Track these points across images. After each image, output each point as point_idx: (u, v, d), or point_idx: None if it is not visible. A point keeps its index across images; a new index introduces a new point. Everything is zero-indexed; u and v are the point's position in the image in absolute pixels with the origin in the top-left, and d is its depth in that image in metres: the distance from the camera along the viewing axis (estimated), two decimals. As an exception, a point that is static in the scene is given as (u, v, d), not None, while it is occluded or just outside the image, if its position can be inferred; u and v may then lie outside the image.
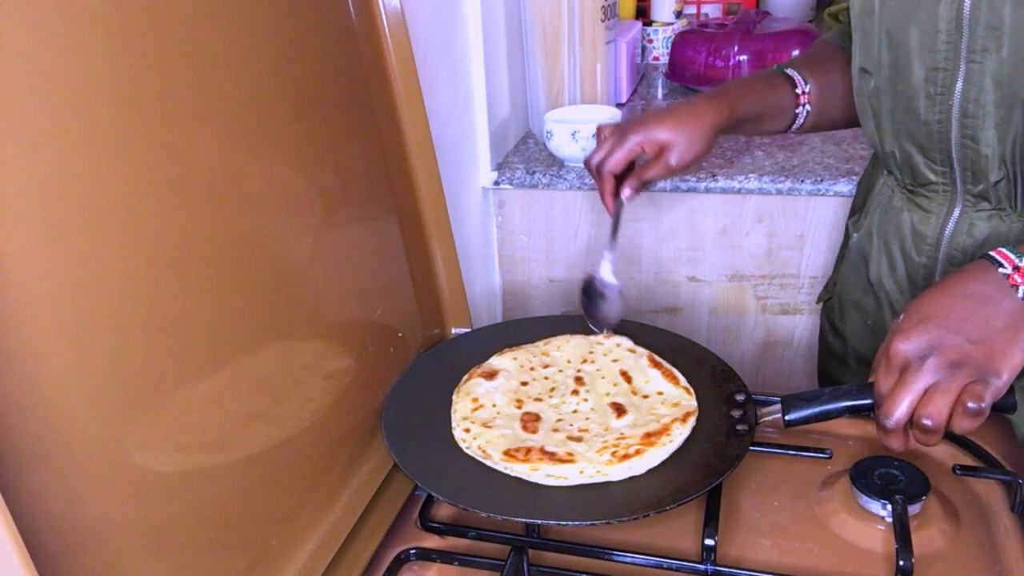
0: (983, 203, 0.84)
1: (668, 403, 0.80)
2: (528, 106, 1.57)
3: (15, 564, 0.41)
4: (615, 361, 0.86)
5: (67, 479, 0.49)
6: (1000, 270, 0.65)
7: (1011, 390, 0.67)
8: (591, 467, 0.72)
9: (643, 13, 2.07)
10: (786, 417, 0.71)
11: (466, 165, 1.36)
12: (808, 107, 0.94)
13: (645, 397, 0.81)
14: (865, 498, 0.72)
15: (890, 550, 0.69)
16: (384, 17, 0.86)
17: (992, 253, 0.67)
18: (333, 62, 0.79)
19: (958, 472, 0.77)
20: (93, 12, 0.51)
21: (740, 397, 0.79)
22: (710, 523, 0.70)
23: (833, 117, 0.98)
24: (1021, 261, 0.65)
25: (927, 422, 0.62)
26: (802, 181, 1.31)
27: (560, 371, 0.86)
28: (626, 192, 0.87)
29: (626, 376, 0.84)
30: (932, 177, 0.86)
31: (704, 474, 0.71)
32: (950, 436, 0.82)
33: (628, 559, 0.70)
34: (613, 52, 1.59)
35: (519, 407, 0.81)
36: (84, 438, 0.50)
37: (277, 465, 0.68)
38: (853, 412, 0.69)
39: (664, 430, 0.75)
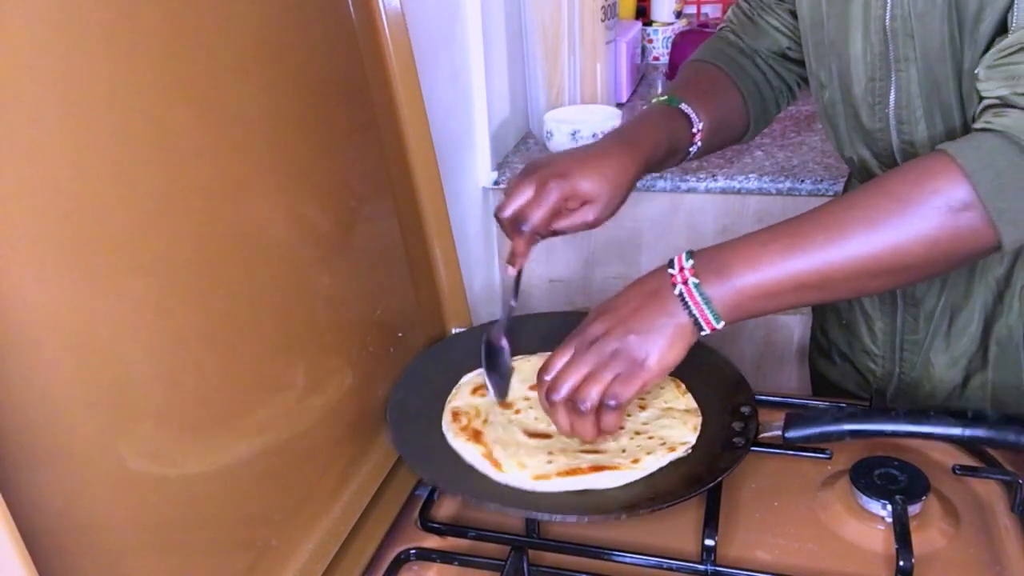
0: None
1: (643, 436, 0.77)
2: (528, 106, 1.57)
3: (15, 564, 0.41)
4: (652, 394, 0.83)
5: (67, 479, 0.49)
6: (669, 270, 0.70)
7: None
8: (483, 459, 0.75)
9: (643, 13, 2.07)
10: (785, 434, 0.71)
11: (466, 165, 1.36)
12: (699, 143, 0.91)
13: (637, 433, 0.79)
14: (865, 498, 0.72)
15: (890, 550, 0.69)
16: (384, 17, 0.86)
17: (674, 257, 0.71)
18: (333, 62, 0.79)
19: (958, 472, 0.77)
20: (93, 14, 0.51)
21: (745, 410, 0.79)
22: (710, 523, 0.70)
23: (715, 146, 0.97)
24: (688, 262, 0.70)
25: (581, 405, 0.69)
26: (802, 181, 1.31)
27: None
28: (530, 243, 0.81)
29: (642, 406, 0.81)
30: None
31: (689, 483, 0.71)
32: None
33: (628, 559, 0.70)
34: (613, 52, 1.59)
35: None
36: (84, 438, 0.50)
37: (277, 465, 0.68)
38: (855, 436, 0.69)
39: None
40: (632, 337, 0.69)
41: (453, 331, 0.98)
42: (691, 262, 0.70)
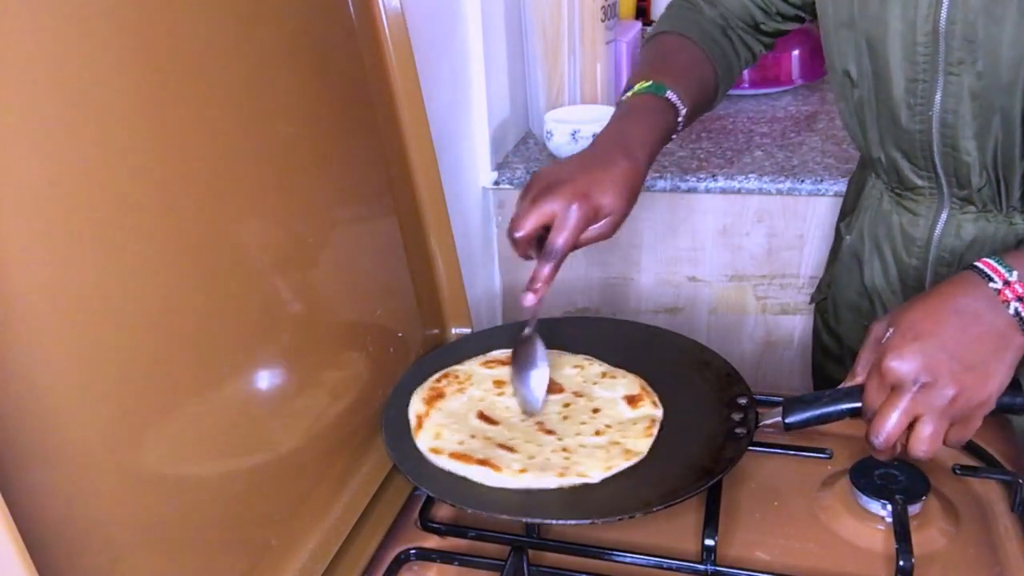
0: (969, 206, 0.85)
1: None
2: (528, 106, 1.57)
3: (15, 564, 0.41)
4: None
5: (67, 479, 0.49)
6: (991, 284, 0.64)
7: (1020, 388, 0.67)
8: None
9: (643, 13, 2.06)
10: (786, 420, 0.71)
11: (466, 165, 1.36)
12: (680, 127, 0.87)
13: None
14: (865, 498, 0.72)
15: (890, 550, 0.69)
16: (384, 17, 0.86)
17: (980, 265, 0.65)
18: (333, 62, 0.79)
19: (958, 472, 0.77)
20: (94, 12, 0.51)
21: (742, 400, 0.79)
22: (710, 523, 0.70)
23: (690, 122, 0.91)
24: (1011, 275, 0.63)
25: (919, 454, 0.64)
26: (802, 181, 1.31)
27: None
28: (552, 272, 0.75)
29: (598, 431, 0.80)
30: (918, 182, 0.87)
31: (697, 476, 0.71)
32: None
33: (628, 559, 0.70)
34: (613, 52, 1.59)
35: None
36: (84, 438, 0.50)
37: (277, 465, 0.68)
38: (854, 415, 0.69)
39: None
40: (970, 376, 0.62)
41: (453, 332, 0.99)
42: (1016, 273, 0.63)
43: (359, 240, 0.83)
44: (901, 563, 0.65)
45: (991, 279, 0.64)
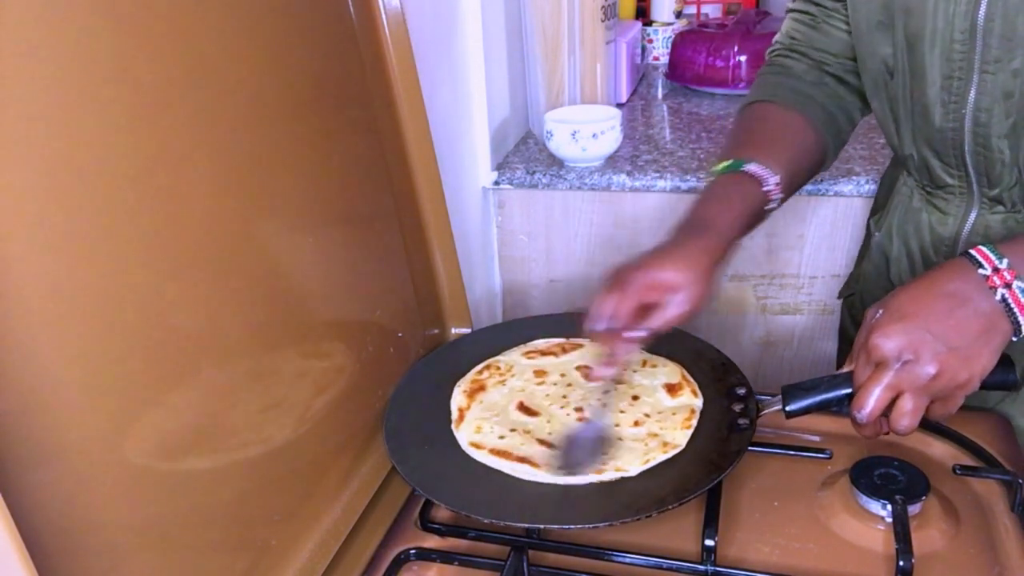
0: (998, 206, 0.84)
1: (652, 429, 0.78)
2: (528, 106, 1.57)
3: (15, 564, 0.41)
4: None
5: (67, 479, 0.49)
6: (980, 271, 0.66)
7: (1011, 365, 0.67)
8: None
9: (643, 13, 2.07)
10: (786, 408, 0.71)
11: (466, 165, 1.36)
12: (777, 198, 0.83)
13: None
14: (865, 498, 0.72)
15: (890, 550, 0.69)
16: (384, 17, 0.86)
17: (972, 252, 0.67)
18: (333, 62, 0.79)
19: (958, 472, 0.77)
20: (93, 12, 0.51)
21: (741, 391, 0.80)
22: (710, 524, 0.70)
23: (796, 188, 0.89)
24: (1001, 262, 0.65)
25: (900, 428, 0.66)
26: (802, 181, 1.31)
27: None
28: (627, 346, 0.75)
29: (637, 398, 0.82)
30: (949, 180, 0.86)
31: (706, 471, 0.71)
32: (950, 436, 0.82)
33: (628, 560, 0.70)
34: (613, 52, 1.59)
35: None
36: (84, 438, 0.50)
37: (277, 465, 0.68)
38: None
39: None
40: (952, 356, 0.64)
41: (453, 332, 0.99)
42: (1006, 261, 0.65)
43: (359, 240, 0.83)
44: (901, 563, 0.65)
45: (981, 265, 0.66)
